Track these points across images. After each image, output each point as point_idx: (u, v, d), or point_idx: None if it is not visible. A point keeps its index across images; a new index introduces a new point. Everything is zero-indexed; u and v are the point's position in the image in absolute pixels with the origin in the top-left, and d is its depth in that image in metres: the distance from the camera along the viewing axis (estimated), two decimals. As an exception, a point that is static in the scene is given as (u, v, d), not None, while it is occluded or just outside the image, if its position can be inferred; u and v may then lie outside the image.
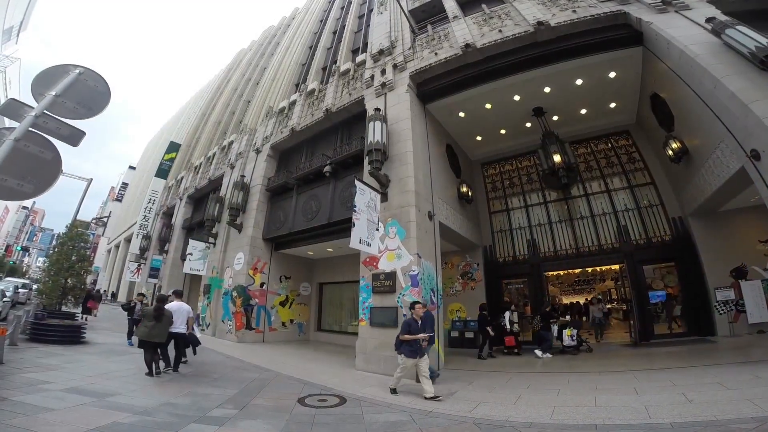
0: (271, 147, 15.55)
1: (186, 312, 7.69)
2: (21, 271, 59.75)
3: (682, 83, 7.96)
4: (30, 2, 36.33)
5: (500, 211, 13.72)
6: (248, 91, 24.69)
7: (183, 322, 7.55)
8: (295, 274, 15.13)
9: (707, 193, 8.77)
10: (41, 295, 11.83)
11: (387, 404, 5.62)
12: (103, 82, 3.65)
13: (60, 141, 3.33)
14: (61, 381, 5.71)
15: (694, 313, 9.87)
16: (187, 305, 7.97)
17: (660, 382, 5.82)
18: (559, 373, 7.70)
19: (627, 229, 11.22)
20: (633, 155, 12.10)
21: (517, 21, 9.87)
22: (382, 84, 11.13)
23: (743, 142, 6.45)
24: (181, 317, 7.50)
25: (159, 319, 6.86)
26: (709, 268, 9.58)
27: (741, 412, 4.09)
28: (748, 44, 6.42)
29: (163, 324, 6.90)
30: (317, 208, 12.53)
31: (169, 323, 7.05)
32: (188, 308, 7.84)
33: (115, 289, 36.07)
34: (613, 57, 9.57)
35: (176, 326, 7.32)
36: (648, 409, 4.54)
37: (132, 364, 7.51)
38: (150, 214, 24.90)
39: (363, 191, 7.90)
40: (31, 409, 4.29)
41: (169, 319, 7.06)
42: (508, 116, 12.17)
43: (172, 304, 7.54)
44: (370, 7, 16.52)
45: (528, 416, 4.78)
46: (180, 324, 7.44)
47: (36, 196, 3.30)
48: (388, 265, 8.76)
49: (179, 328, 7.43)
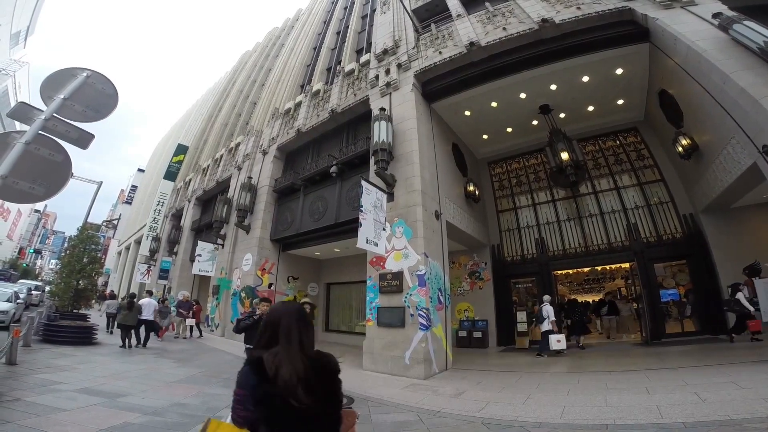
0: (278, 148, 15.63)
1: (153, 305, 11.48)
2: (34, 273, 60.78)
3: (690, 79, 7.86)
4: (36, 7, 36.86)
5: (508, 210, 13.64)
6: (254, 93, 24.85)
7: (150, 312, 11.13)
8: (302, 275, 15.19)
9: (718, 190, 8.64)
10: (54, 296, 12.03)
11: (395, 404, 5.61)
12: (110, 85, 3.69)
13: (69, 144, 3.37)
14: (73, 381, 5.79)
15: (707, 311, 9.74)
16: (155, 301, 11.97)
17: (672, 381, 5.73)
18: (569, 372, 7.64)
19: (637, 226, 11.09)
20: (642, 152, 11.95)
21: (522, 18, 9.81)
22: (387, 84, 11.12)
23: (755, 138, 6.35)
24: (149, 309, 11.15)
25: (131, 309, 10.39)
26: (721, 265, 9.42)
27: (755, 411, 4.01)
28: (757, 39, 6.32)
29: (133, 313, 10.40)
30: (324, 209, 12.57)
31: (138, 312, 10.57)
32: (155, 303, 11.82)
33: (126, 290, 36.45)
34: (620, 53, 9.46)
35: (146, 315, 10.87)
36: (660, 408, 4.47)
37: (143, 364, 7.60)
38: (159, 216, 25.15)
39: (369, 191, 7.89)
40: (44, 409, 4.35)
41: (138, 309, 10.61)
42: (514, 114, 12.09)
43: (143, 300, 11.36)
44: (373, 7, 16.52)
45: (537, 416, 4.74)
46: (147, 314, 10.97)
47: (47, 198, 3.35)
48: (395, 265, 8.75)
49: (148, 317, 10.97)
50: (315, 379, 1.52)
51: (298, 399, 1.43)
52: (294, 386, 1.45)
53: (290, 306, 1.76)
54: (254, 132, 18.56)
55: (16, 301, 13.39)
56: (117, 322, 10.63)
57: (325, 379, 1.59)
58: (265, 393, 1.46)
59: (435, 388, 6.63)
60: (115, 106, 3.70)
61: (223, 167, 20.37)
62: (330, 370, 1.63)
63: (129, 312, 10.37)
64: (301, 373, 1.48)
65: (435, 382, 7.25)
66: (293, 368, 1.48)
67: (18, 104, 3.29)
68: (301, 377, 1.48)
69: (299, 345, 1.59)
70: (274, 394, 1.45)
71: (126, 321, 10.27)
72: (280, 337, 1.60)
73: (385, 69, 11.57)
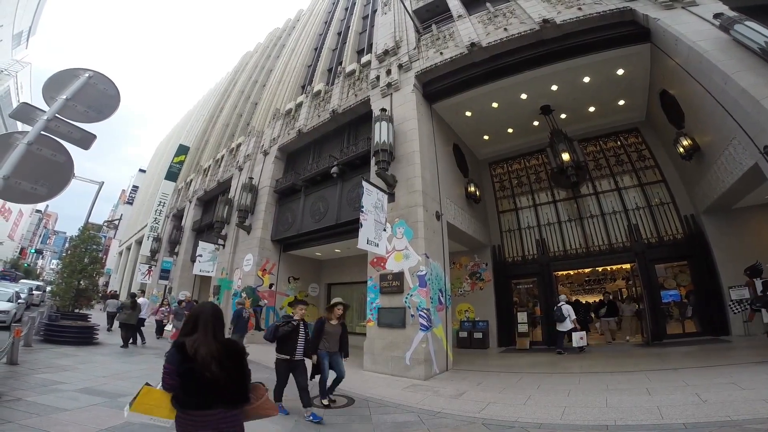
0: (279, 149, 15.65)
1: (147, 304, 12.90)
2: (35, 273, 60.92)
3: (691, 80, 7.85)
4: (38, 7, 36.89)
5: (508, 211, 13.63)
6: (255, 93, 24.87)
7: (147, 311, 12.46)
8: (303, 275, 15.20)
9: (720, 191, 8.63)
10: (55, 296, 12.04)
11: (395, 405, 5.61)
12: (112, 86, 3.71)
13: (72, 144, 3.38)
14: (74, 381, 5.80)
15: (708, 312, 9.72)
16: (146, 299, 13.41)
17: (673, 382, 5.72)
18: (569, 373, 7.62)
19: (638, 227, 11.07)
20: (643, 153, 11.94)
21: (523, 19, 9.81)
22: (388, 84, 11.13)
23: (756, 139, 6.34)
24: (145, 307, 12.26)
25: (134, 309, 10.89)
26: (723, 266, 9.41)
27: (756, 412, 4.01)
28: (758, 40, 6.32)
29: (135, 312, 10.91)
30: (325, 209, 12.58)
31: (139, 311, 11.20)
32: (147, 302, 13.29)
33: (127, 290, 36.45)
34: (621, 54, 9.46)
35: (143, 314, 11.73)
36: (660, 409, 4.47)
37: (144, 364, 7.61)
38: (160, 216, 25.16)
39: (370, 192, 7.90)
40: (45, 409, 4.36)
41: (140, 308, 11.29)
42: (515, 115, 12.09)
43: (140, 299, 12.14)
44: (374, 7, 16.54)
45: (538, 417, 4.74)
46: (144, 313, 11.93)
47: (50, 198, 3.35)
48: (396, 266, 8.76)
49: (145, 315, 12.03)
50: (225, 358, 2.14)
51: (211, 372, 2.05)
52: (209, 362, 2.06)
53: (207, 305, 2.43)
54: (255, 132, 18.59)
55: (17, 301, 13.41)
56: (119, 321, 10.99)
57: (233, 359, 2.20)
58: (186, 368, 2.05)
59: (435, 389, 6.64)
60: (117, 107, 3.71)
61: (224, 168, 20.40)
62: (237, 351, 2.27)
63: (132, 311, 10.77)
64: (214, 353, 2.11)
65: (435, 382, 7.25)
66: (208, 349, 2.11)
67: (20, 105, 3.31)
68: (214, 356, 2.10)
69: (213, 333, 2.21)
70: (193, 368, 2.05)
71: (128, 320, 10.64)
72: (199, 328, 2.21)
73: (386, 69, 11.58)
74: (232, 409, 2.17)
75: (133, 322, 10.70)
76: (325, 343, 5.54)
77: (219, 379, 2.08)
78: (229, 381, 2.13)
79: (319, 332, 5.54)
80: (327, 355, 5.50)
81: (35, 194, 3.14)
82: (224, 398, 2.13)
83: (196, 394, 2.06)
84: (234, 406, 2.18)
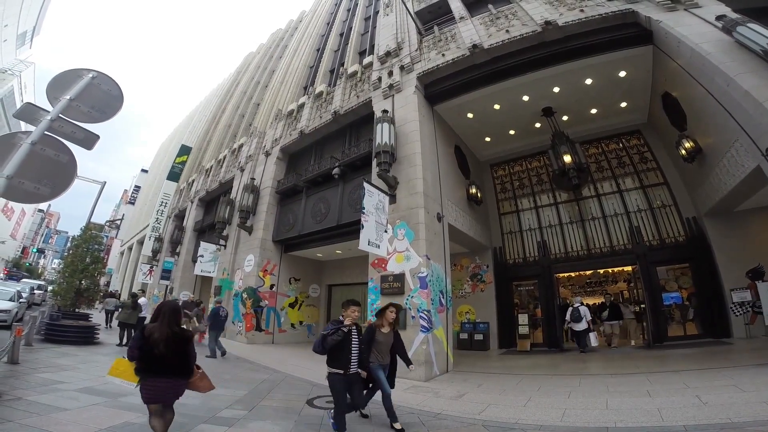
0: (281, 149, 15.68)
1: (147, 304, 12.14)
2: (37, 272, 61.07)
3: (693, 82, 7.85)
4: (42, 7, 36.95)
5: (510, 213, 13.63)
6: (257, 94, 24.91)
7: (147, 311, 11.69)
8: (304, 276, 15.21)
9: (722, 193, 8.62)
10: (56, 296, 12.07)
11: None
12: (115, 86, 3.72)
13: (75, 144, 3.40)
14: (75, 381, 5.81)
15: (709, 314, 9.70)
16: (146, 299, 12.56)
17: (673, 384, 5.71)
18: (570, 375, 7.61)
19: (639, 229, 11.05)
20: (645, 155, 11.93)
21: (525, 21, 9.82)
22: (390, 86, 11.15)
23: (758, 141, 6.33)
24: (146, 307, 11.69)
25: (135, 308, 10.91)
26: (725, 268, 9.39)
27: (757, 414, 4.00)
28: (761, 42, 6.31)
29: (136, 312, 10.87)
30: (326, 210, 12.59)
31: (140, 311, 11.01)
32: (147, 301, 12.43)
33: (128, 290, 36.52)
34: (623, 56, 9.46)
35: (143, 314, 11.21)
36: (661, 411, 4.46)
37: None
38: (162, 216, 25.20)
39: (371, 193, 7.90)
40: (45, 408, 4.37)
41: (140, 308, 11.07)
42: (517, 117, 12.09)
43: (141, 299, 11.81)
44: (376, 9, 16.58)
45: (538, 419, 4.74)
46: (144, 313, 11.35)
47: (53, 198, 3.37)
48: (397, 267, 8.76)
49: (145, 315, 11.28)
50: (172, 341, 3.20)
51: (159, 350, 3.13)
52: (158, 343, 3.14)
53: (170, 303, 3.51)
54: (257, 133, 18.62)
55: (19, 300, 13.44)
56: (119, 320, 11.15)
57: (178, 343, 3.27)
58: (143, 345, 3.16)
59: (436, 390, 6.64)
60: (120, 107, 3.73)
61: (226, 168, 20.45)
62: (183, 338, 3.34)
63: (133, 311, 10.82)
64: (164, 337, 3.17)
65: (436, 384, 7.25)
66: (160, 334, 3.17)
67: (24, 105, 3.32)
68: (163, 339, 3.16)
69: (167, 323, 3.25)
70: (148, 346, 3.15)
71: (128, 319, 10.68)
72: (159, 318, 3.28)
73: (387, 71, 11.59)
74: (177, 379, 3.30)
75: (133, 321, 10.67)
76: (377, 354, 4.73)
77: (165, 356, 3.14)
78: (173, 358, 3.20)
79: (369, 344, 4.67)
80: (380, 367, 4.74)
81: (38, 194, 3.15)
82: (169, 370, 3.20)
83: (148, 365, 3.16)
84: (178, 377, 3.29)
